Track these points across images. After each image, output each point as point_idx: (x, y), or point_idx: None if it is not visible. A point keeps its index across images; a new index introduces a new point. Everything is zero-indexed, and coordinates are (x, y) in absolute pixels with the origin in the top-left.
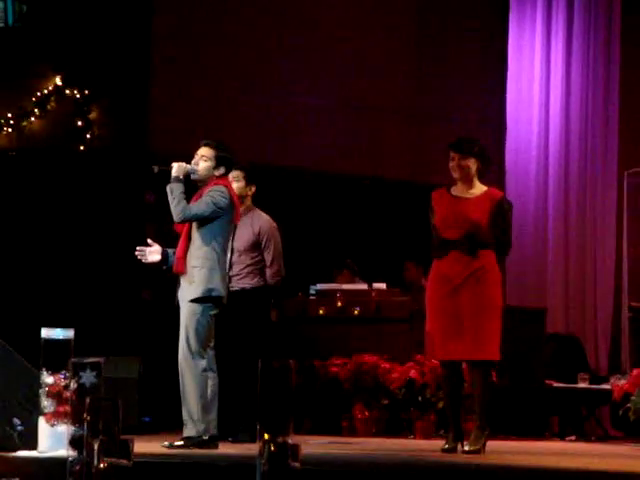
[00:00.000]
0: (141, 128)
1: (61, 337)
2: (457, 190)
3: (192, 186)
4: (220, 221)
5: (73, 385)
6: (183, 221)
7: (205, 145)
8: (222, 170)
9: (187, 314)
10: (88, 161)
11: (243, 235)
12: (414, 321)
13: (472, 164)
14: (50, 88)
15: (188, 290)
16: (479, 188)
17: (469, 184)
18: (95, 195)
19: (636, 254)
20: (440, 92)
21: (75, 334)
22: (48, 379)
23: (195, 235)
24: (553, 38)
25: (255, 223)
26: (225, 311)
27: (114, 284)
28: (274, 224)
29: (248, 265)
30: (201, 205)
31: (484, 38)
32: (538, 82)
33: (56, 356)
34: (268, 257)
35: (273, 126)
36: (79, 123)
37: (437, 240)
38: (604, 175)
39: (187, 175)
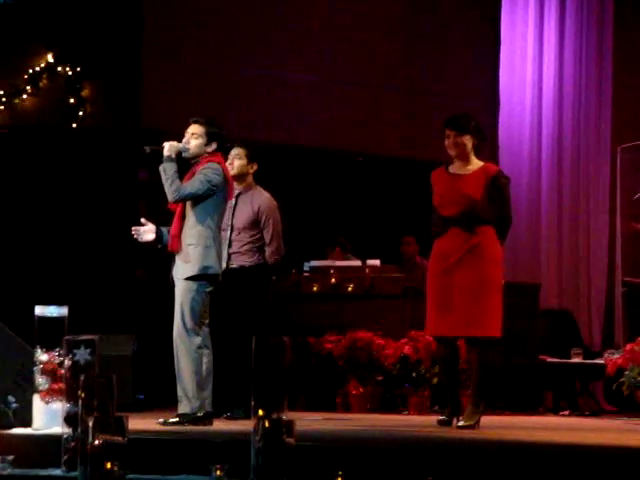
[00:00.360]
0: (134, 105)
1: (55, 315)
2: (454, 167)
3: (185, 164)
4: (214, 198)
5: (67, 362)
6: (177, 201)
7: (194, 122)
8: (214, 146)
9: (182, 291)
10: (81, 139)
11: (243, 213)
12: (408, 297)
13: (468, 141)
14: (42, 65)
15: (183, 268)
16: (475, 164)
17: (465, 161)
18: (88, 173)
19: (629, 229)
20: (433, 68)
21: (69, 312)
22: (42, 357)
23: (189, 213)
24: (546, 12)
25: (255, 201)
26: (223, 288)
27: (108, 262)
28: (274, 203)
29: (247, 243)
30: (195, 183)
31: (477, 14)
32: (531, 58)
33: (50, 334)
34: (267, 235)
35: (266, 103)
36: (71, 101)
37: (436, 218)
38: (597, 151)
39: (179, 154)
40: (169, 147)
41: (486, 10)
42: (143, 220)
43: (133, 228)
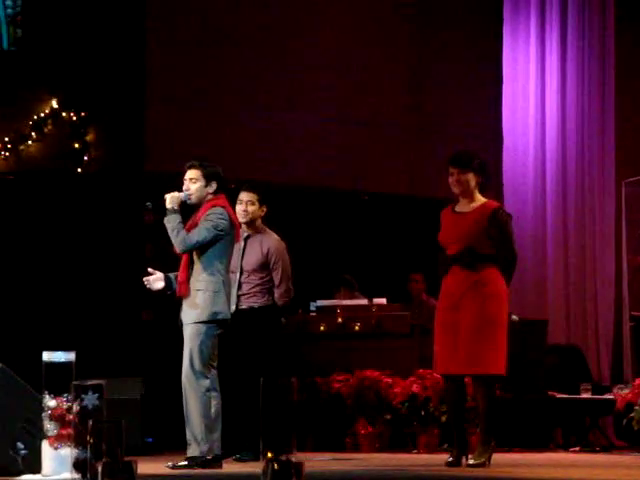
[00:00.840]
0: (138, 149)
1: (63, 360)
2: (459, 206)
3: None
4: (221, 243)
5: (75, 408)
6: (185, 251)
7: (190, 168)
8: (214, 186)
9: (191, 335)
10: (86, 183)
11: (252, 256)
12: (415, 335)
13: (471, 178)
14: (47, 111)
15: (192, 313)
16: (479, 201)
17: (470, 198)
18: (94, 217)
19: (635, 263)
20: (437, 108)
21: (76, 356)
22: (50, 402)
23: (197, 259)
24: (547, 50)
25: (264, 244)
26: (232, 330)
27: (115, 305)
28: (283, 244)
29: (257, 285)
30: (202, 232)
31: (478, 53)
32: (533, 94)
33: (58, 379)
34: (277, 277)
35: (271, 144)
36: (76, 145)
37: (442, 257)
38: (602, 185)
39: (183, 202)
40: (170, 199)
41: (488, 49)
42: (150, 270)
43: (144, 278)
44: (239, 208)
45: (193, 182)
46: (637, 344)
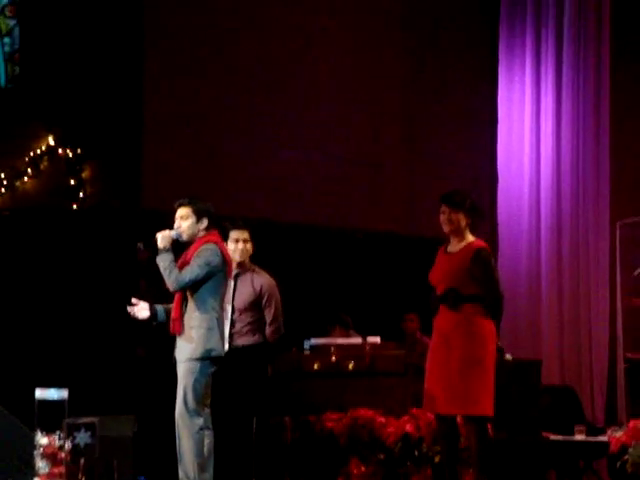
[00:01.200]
0: (134, 186)
1: (55, 397)
2: (450, 245)
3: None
4: (214, 279)
5: (68, 446)
6: (179, 289)
7: (179, 206)
8: (205, 222)
9: (185, 372)
10: (81, 220)
11: (243, 294)
12: (409, 374)
13: (462, 218)
14: (43, 148)
15: (186, 350)
16: (467, 241)
17: (460, 238)
18: (89, 253)
19: (630, 305)
20: (432, 147)
21: (69, 393)
22: (43, 440)
23: (190, 296)
24: (543, 90)
25: (256, 282)
26: (225, 368)
27: (108, 342)
28: (273, 282)
29: (248, 323)
30: (194, 270)
31: (474, 93)
32: (529, 135)
33: (50, 416)
34: (269, 315)
35: (267, 181)
36: (72, 182)
37: (432, 297)
38: (596, 226)
39: (175, 241)
40: (161, 238)
41: (483, 89)
42: (134, 300)
43: (128, 307)
44: (236, 247)
45: (184, 219)
46: (631, 386)
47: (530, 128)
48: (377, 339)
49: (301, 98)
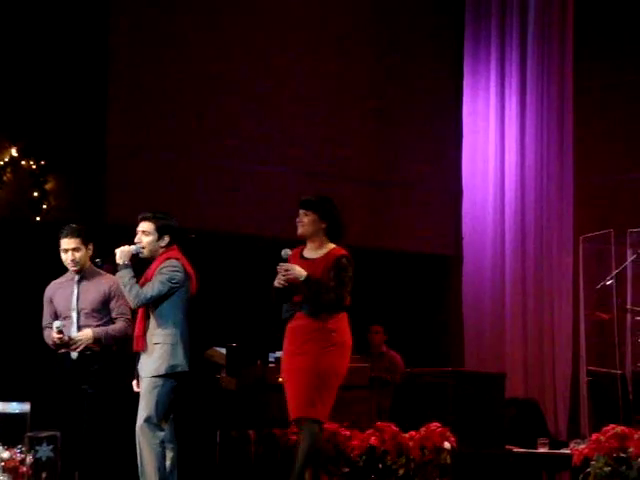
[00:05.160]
0: (98, 199)
1: (17, 411)
2: (307, 251)
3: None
4: (178, 295)
5: (29, 460)
6: (140, 306)
7: (142, 220)
8: (166, 239)
9: (148, 387)
10: (44, 232)
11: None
12: (374, 387)
13: (315, 221)
14: (6, 159)
15: (150, 365)
16: (327, 248)
17: (316, 244)
18: (52, 266)
19: (593, 318)
20: (396, 160)
21: (31, 407)
22: (4, 454)
23: (153, 313)
24: (507, 104)
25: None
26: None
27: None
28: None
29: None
30: (155, 285)
31: (438, 107)
32: (493, 149)
33: (12, 430)
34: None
35: (232, 196)
36: (35, 194)
37: (288, 302)
38: (560, 241)
39: (135, 255)
40: (120, 254)
41: (448, 102)
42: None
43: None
44: (66, 257)
45: (145, 235)
46: (594, 399)
47: (494, 142)
48: None
49: (275, 111)
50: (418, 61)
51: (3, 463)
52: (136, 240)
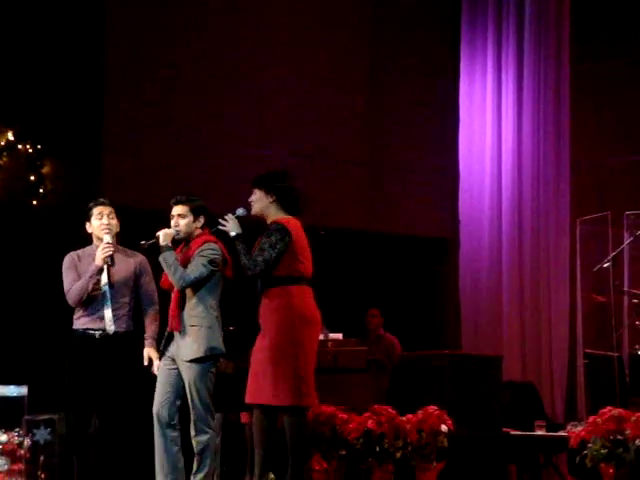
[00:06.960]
0: (95, 183)
1: (15, 394)
2: None
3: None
4: (214, 278)
5: (27, 443)
6: (184, 287)
7: (176, 204)
8: (202, 220)
9: (190, 373)
10: (41, 216)
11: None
12: (371, 371)
13: (261, 198)
14: (2, 143)
15: (188, 348)
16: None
17: (270, 219)
18: (49, 251)
19: (590, 301)
20: (396, 144)
21: (29, 390)
22: (2, 437)
23: (190, 294)
24: (504, 88)
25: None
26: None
27: (68, 340)
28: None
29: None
30: (198, 267)
31: (436, 94)
32: (490, 132)
33: (9, 413)
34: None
35: (228, 178)
36: (32, 178)
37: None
38: (557, 223)
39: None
40: (163, 236)
41: (445, 90)
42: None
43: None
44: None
45: (182, 217)
46: (590, 381)
47: (492, 125)
48: (339, 335)
49: (263, 96)
50: (415, 45)
51: (1, 446)
52: (173, 224)
